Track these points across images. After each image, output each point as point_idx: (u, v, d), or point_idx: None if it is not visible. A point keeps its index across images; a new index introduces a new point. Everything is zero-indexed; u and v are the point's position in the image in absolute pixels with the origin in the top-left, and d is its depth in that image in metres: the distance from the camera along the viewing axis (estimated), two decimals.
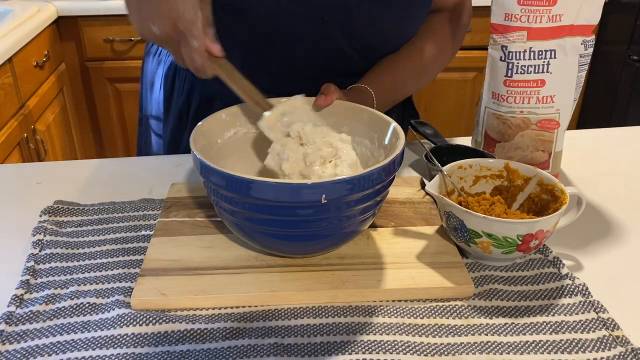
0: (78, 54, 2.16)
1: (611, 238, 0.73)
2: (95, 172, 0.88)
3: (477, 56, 2.25)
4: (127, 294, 0.62)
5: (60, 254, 0.68)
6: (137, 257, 0.68)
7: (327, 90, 0.75)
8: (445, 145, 0.88)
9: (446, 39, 0.94)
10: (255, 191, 0.56)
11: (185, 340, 0.57)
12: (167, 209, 0.75)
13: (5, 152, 1.63)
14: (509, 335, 0.58)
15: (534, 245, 0.63)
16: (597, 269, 0.68)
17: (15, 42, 1.70)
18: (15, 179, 0.86)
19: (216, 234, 0.70)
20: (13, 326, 0.58)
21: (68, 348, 0.56)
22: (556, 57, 0.77)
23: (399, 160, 0.62)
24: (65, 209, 0.76)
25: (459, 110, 2.43)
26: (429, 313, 0.60)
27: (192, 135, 0.65)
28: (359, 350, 0.55)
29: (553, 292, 0.63)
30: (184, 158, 0.91)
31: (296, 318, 0.59)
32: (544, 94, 0.78)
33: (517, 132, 0.81)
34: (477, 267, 0.67)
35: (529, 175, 0.71)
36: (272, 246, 0.64)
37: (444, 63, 0.97)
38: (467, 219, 0.63)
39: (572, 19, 0.76)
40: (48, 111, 1.97)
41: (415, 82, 0.95)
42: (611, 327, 0.58)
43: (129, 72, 2.15)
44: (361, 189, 0.57)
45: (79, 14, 2.07)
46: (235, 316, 0.60)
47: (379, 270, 0.64)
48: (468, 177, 0.73)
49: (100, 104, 2.26)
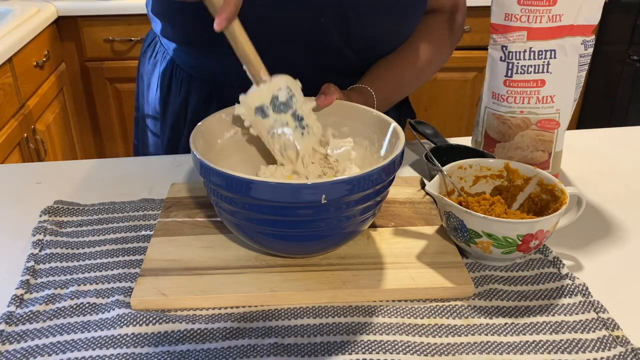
0: (78, 54, 2.16)
1: (611, 238, 0.73)
2: (95, 172, 0.88)
3: (477, 56, 2.25)
4: (127, 294, 0.62)
5: (60, 254, 0.68)
6: (137, 257, 0.68)
7: (327, 90, 0.75)
8: (445, 145, 0.88)
9: (443, 38, 0.95)
10: (255, 191, 0.56)
11: (185, 340, 0.57)
12: (167, 209, 0.75)
13: (5, 152, 1.63)
14: (509, 335, 0.58)
15: (534, 245, 0.63)
16: (597, 269, 0.68)
17: (15, 42, 1.70)
18: (15, 179, 0.86)
19: (216, 234, 0.70)
20: (13, 326, 0.58)
21: (68, 348, 0.56)
22: (556, 57, 0.77)
23: (399, 160, 0.62)
24: (65, 209, 0.76)
25: (459, 110, 2.43)
26: (429, 313, 0.60)
27: (192, 135, 0.65)
28: (359, 350, 0.55)
29: (553, 292, 0.63)
30: (184, 158, 0.91)
31: (296, 318, 0.59)
32: (544, 94, 0.78)
33: (517, 132, 0.81)
34: (477, 267, 0.67)
35: (529, 175, 0.71)
36: (272, 246, 0.64)
37: (441, 63, 0.98)
38: (467, 219, 0.63)
39: (572, 19, 0.76)
40: (48, 111, 1.97)
41: (414, 81, 0.96)
42: (611, 327, 0.58)
43: (129, 72, 2.15)
44: (361, 189, 0.57)
45: (79, 14, 2.07)
46: (235, 316, 0.60)
47: (379, 270, 0.64)
48: (468, 177, 0.73)
49: (100, 104, 2.26)
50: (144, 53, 1.06)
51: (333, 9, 0.81)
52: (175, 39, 0.92)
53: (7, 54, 1.64)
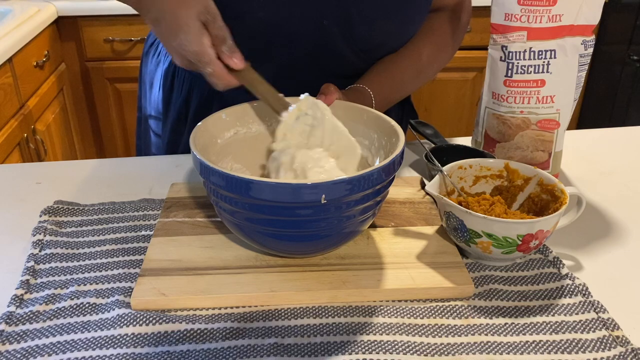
0: (78, 54, 2.16)
1: (611, 238, 0.73)
2: (95, 172, 0.88)
3: (477, 56, 2.25)
4: (127, 294, 0.62)
5: (60, 254, 0.68)
6: (137, 257, 0.68)
7: (326, 90, 0.75)
8: (445, 145, 0.88)
9: (446, 38, 0.94)
10: (255, 191, 0.56)
11: (185, 340, 0.57)
12: (167, 209, 0.75)
13: (5, 152, 1.63)
14: (509, 335, 0.58)
15: (534, 245, 0.63)
16: (597, 269, 0.68)
17: (15, 42, 1.70)
18: (15, 179, 0.86)
19: (216, 234, 0.70)
20: (13, 326, 0.58)
21: (68, 348, 0.56)
22: (556, 57, 0.77)
23: (399, 160, 0.62)
24: (65, 209, 0.76)
25: (459, 110, 2.43)
26: (429, 313, 0.60)
27: (192, 135, 0.65)
28: (359, 350, 0.55)
29: (553, 292, 0.63)
30: (184, 158, 0.91)
31: (296, 318, 0.59)
32: (544, 94, 0.79)
33: (517, 132, 0.81)
34: (477, 267, 0.67)
35: (529, 175, 0.71)
36: (272, 246, 0.64)
37: (443, 62, 0.97)
38: (467, 219, 0.63)
39: (572, 19, 0.76)
40: (48, 111, 1.97)
41: (414, 81, 0.95)
42: (611, 327, 0.58)
43: (129, 72, 2.15)
44: (361, 189, 0.57)
45: (79, 14, 2.07)
46: (235, 316, 0.60)
47: (379, 270, 0.64)
48: (468, 177, 0.73)
49: (100, 104, 2.26)
50: (146, 52, 1.06)
51: (337, 11, 0.81)
52: None
53: (7, 54, 1.64)
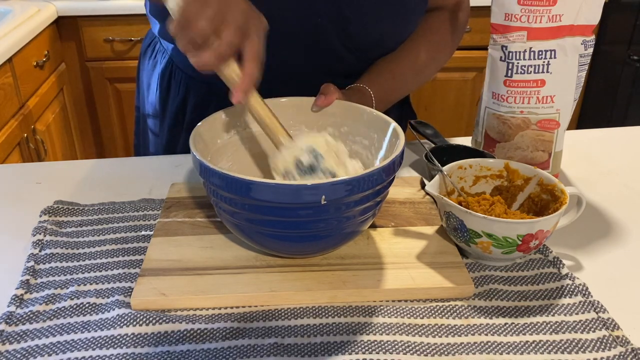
0: (78, 54, 2.16)
1: (611, 238, 0.73)
2: (95, 172, 0.88)
3: (477, 56, 2.25)
4: (127, 294, 0.62)
5: (60, 254, 0.68)
6: (137, 257, 0.68)
7: (326, 90, 0.75)
8: (445, 145, 0.88)
9: (444, 37, 0.94)
10: (255, 192, 0.56)
11: (185, 340, 0.57)
12: (167, 209, 0.75)
13: (5, 152, 1.63)
14: (509, 335, 0.58)
15: (534, 245, 0.63)
16: (597, 269, 0.68)
17: (15, 42, 1.70)
18: (15, 179, 0.86)
19: (216, 234, 0.70)
20: (13, 326, 0.58)
21: (68, 348, 0.56)
22: (556, 57, 0.77)
23: (399, 161, 0.62)
24: (65, 209, 0.76)
25: (459, 110, 2.43)
26: (429, 313, 0.60)
27: (192, 135, 0.65)
28: (359, 350, 0.55)
29: (553, 292, 0.63)
30: (183, 158, 0.91)
31: (296, 318, 0.59)
32: (544, 94, 0.78)
33: (517, 132, 0.81)
34: (477, 267, 0.67)
35: (529, 175, 0.71)
36: (272, 247, 0.64)
37: (442, 62, 0.97)
38: (467, 219, 0.63)
39: (572, 19, 0.76)
40: (48, 111, 1.97)
41: (414, 81, 0.95)
42: (611, 327, 0.58)
43: (129, 72, 2.15)
44: (361, 189, 0.57)
45: (79, 14, 2.07)
46: (235, 316, 0.60)
47: (379, 270, 0.64)
48: (468, 177, 0.73)
49: (100, 104, 2.26)
50: (143, 53, 1.06)
51: (331, 10, 0.81)
52: (173, 40, 0.92)
53: (7, 54, 1.64)
